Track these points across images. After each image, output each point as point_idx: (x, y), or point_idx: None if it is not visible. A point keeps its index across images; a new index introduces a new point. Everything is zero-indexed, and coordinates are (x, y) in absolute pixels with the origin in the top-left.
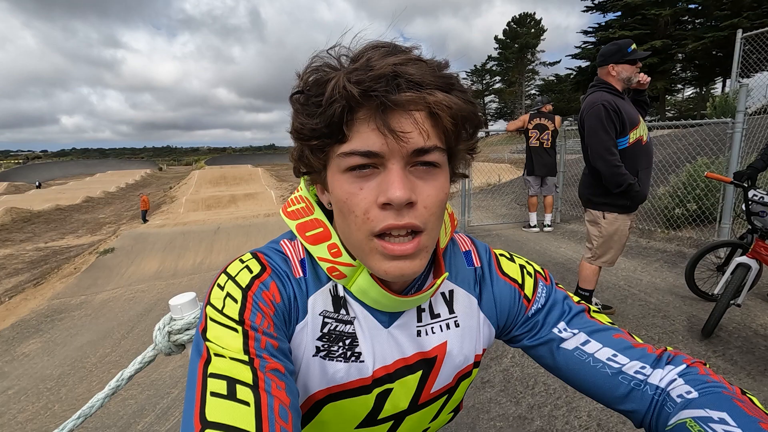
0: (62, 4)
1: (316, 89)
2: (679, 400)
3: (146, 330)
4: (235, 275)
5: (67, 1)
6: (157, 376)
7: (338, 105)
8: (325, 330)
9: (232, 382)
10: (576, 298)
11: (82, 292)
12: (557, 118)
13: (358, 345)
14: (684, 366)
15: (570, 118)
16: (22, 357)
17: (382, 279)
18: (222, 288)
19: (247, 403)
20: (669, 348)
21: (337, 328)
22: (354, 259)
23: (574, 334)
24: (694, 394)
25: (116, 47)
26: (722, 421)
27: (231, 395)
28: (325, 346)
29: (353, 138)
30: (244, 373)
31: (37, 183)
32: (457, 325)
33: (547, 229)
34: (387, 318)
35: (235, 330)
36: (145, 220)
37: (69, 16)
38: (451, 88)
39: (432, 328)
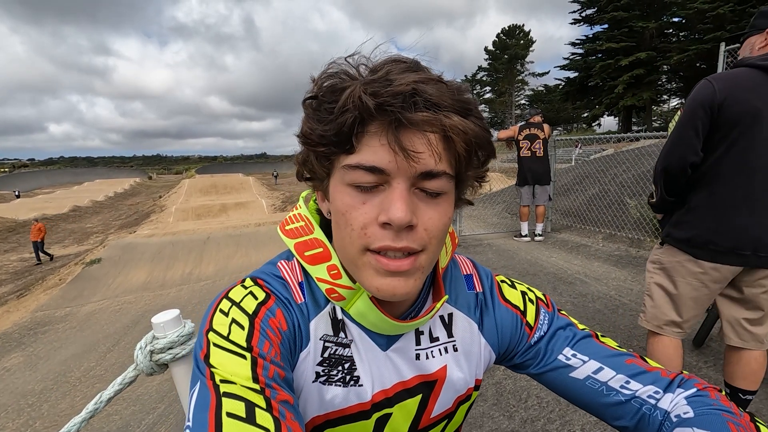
0: (51, 9)
1: (330, 96)
2: (675, 419)
3: (133, 343)
4: (240, 301)
5: (56, 6)
6: (143, 390)
7: (350, 115)
8: (326, 355)
9: (250, 405)
10: (581, 326)
11: (67, 303)
12: (546, 127)
13: (356, 369)
14: (694, 390)
15: (559, 128)
16: (2, 372)
17: (381, 302)
18: (226, 314)
19: (267, 430)
20: (684, 372)
21: (337, 352)
22: (354, 282)
23: (584, 362)
24: (690, 414)
25: (107, 55)
26: None
27: (250, 419)
28: (325, 371)
29: (361, 150)
30: (259, 401)
31: (16, 192)
32: (455, 349)
33: (538, 238)
34: (385, 341)
35: (243, 357)
36: (39, 257)
37: (58, 22)
38: (468, 113)
39: (432, 351)
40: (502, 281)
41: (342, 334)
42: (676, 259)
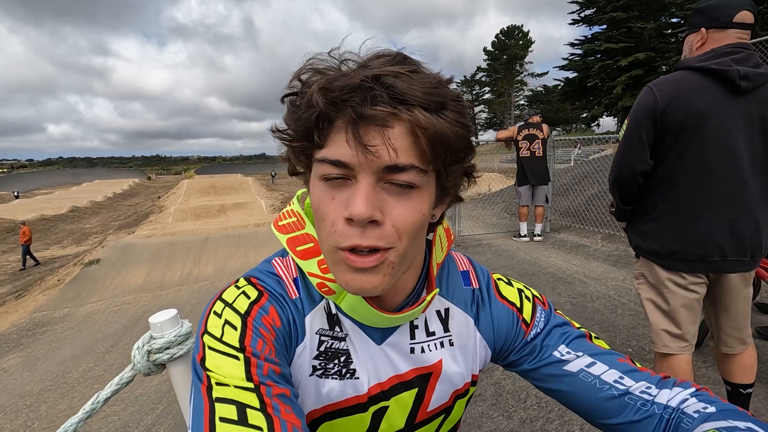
0: (50, 9)
1: (302, 91)
2: (696, 415)
3: (132, 344)
4: (232, 302)
5: (55, 7)
6: (142, 391)
7: (314, 110)
8: (322, 348)
9: (242, 407)
10: (577, 324)
11: (65, 304)
12: (545, 127)
13: (352, 362)
14: (694, 389)
15: (558, 129)
16: (0, 373)
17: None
18: (219, 315)
19: (259, 428)
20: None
21: (333, 346)
22: None
23: (578, 356)
24: (712, 409)
25: (106, 55)
26: (750, 430)
27: (242, 421)
28: (321, 364)
29: (329, 145)
30: (252, 400)
31: (15, 193)
32: (451, 344)
33: (537, 238)
34: (379, 335)
35: (236, 357)
36: (35, 258)
37: (57, 23)
38: (441, 108)
39: (427, 345)
40: (499, 279)
41: (337, 328)
42: (656, 271)
